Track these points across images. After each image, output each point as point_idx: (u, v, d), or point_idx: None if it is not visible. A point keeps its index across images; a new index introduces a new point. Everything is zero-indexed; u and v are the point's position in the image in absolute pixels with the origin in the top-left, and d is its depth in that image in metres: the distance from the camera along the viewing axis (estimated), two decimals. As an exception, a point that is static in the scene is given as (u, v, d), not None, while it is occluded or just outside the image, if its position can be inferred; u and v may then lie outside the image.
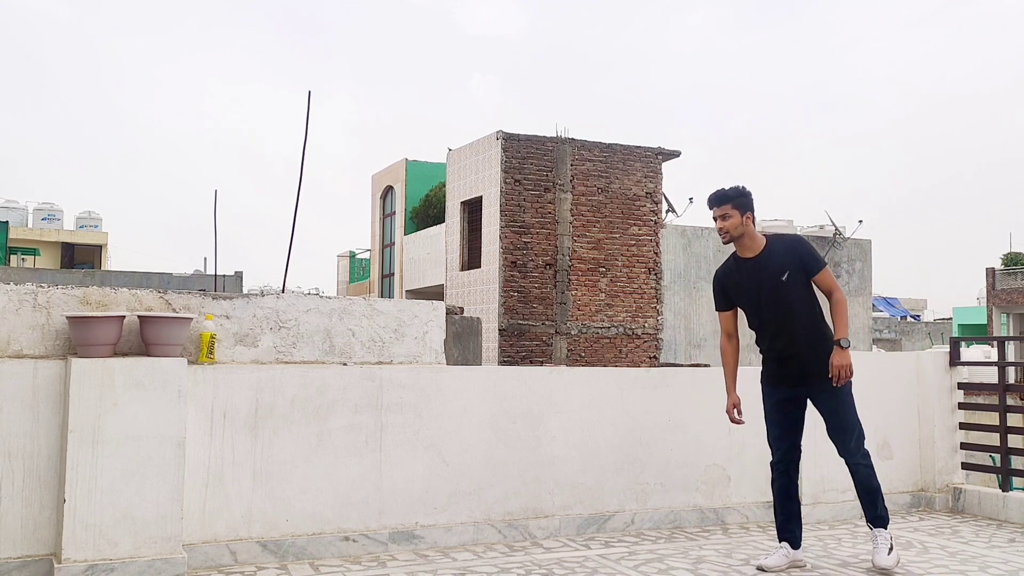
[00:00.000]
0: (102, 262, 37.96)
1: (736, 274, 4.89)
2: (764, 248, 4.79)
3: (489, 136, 21.46)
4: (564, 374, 5.72)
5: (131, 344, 4.58)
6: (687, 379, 6.05)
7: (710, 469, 5.95)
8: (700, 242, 23.15)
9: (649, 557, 4.98)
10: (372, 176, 30.97)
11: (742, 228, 4.75)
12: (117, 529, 4.22)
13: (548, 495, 5.44)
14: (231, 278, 27.07)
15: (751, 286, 4.82)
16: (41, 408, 4.27)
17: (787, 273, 4.71)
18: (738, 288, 4.89)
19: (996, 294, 42.36)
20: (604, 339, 21.36)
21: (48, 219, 38.68)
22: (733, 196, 4.75)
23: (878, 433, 6.53)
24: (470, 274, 22.30)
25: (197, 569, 4.48)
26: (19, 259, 34.62)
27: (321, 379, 4.90)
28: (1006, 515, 6.04)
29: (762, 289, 4.77)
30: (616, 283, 21.67)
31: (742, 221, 4.74)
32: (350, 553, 4.84)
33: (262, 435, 4.73)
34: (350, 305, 5.25)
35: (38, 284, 4.56)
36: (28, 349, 4.44)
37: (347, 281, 36.21)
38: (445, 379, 5.22)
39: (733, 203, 4.74)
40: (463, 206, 23.09)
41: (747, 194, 4.78)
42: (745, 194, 4.77)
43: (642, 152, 22.13)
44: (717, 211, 4.77)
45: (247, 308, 4.95)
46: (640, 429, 5.75)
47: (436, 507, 5.11)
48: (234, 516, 4.65)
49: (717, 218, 4.78)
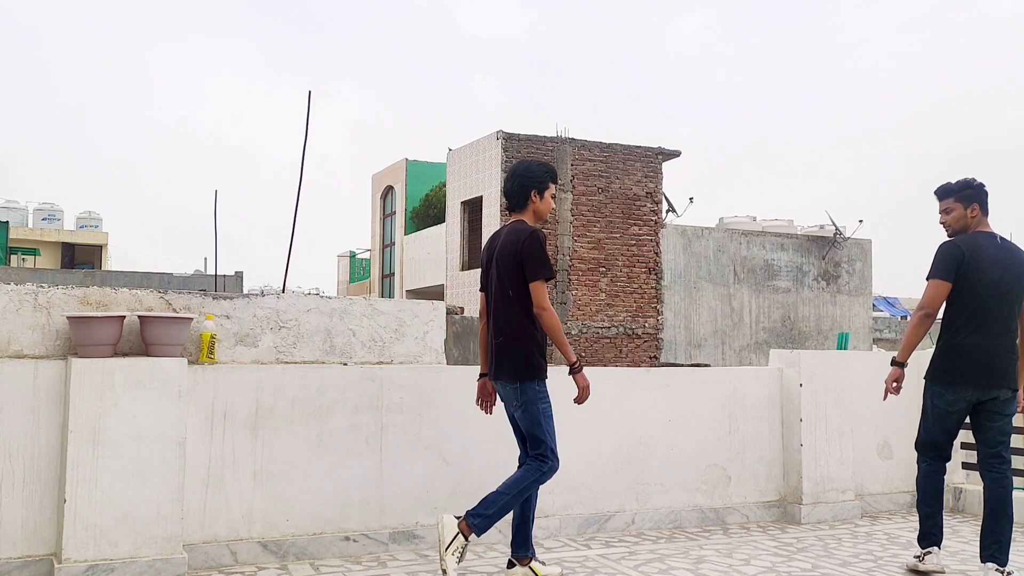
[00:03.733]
0: (102, 262, 37.97)
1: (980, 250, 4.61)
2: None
3: (489, 136, 21.47)
4: (564, 374, 5.71)
5: (131, 344, 4.58)
6: (687, 379, 6.05)
7: (710, 469, 5.95)
8: (700, 242, 23.16)
9: (649, 557, 4.98)
10: (372, 176, 30.99)
11: (965, 221, 4.69)
12: (117, 529, 4.22)
13: (548, 495, 5.44)
14: (231, 278, 27.05)
15: (997, 272, 4.60)
16: (41, 408, 4.27)
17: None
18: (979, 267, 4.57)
19: (996, 294, 42.28)
20: (604, 339, 21.36)
21: (48, 219, 38.68)
22: (956, 190, 4.72)
23: (878, 433, 6.54)
24: (470, 274, 22.31)
25: (197, 569, 4.48)
26: (19, 259, 34.61)
27: (321, 379, 4.90)
28: (1006, 515, 6.03)
29: (1003, 280, 4.58)
30: (616, 283, 21.68)
31: (966, 214, 4.68)
32: (351, 553, 4.84)
33: (262, 435, 4.73)
34: (350, 305, 5.25)
35: (38, 284, 4.56)
36: (28, 349, 4.44)
37: (347, 281, 36.22)
38: (446, 379, 5.22)
39: (956, 196, 4.70)
40: (463, 206, 23.10)
41: (975, 186, 4.71)
42: (972, 186, 4.70)
43: (642, 152, 22.15)
44: (940, 205, 4.77)
45: (247, 308, 4.95)
46: (640, 429, 5.75)
47: (437, 507, 5.11)
48: (234, 516, 4.65)
49: (940, 212, 4.78)
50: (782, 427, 6.16)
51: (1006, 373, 4.52)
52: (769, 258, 24.07)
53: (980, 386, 4.53)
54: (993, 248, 4.59)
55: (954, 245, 4.62)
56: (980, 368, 4.52)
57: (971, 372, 4.54)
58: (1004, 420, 4.55)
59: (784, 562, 4.94)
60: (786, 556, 5.08)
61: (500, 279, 4.35)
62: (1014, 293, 4.56)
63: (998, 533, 4.41)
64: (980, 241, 4.61)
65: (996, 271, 4.54)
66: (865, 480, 6.43)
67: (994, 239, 4.63)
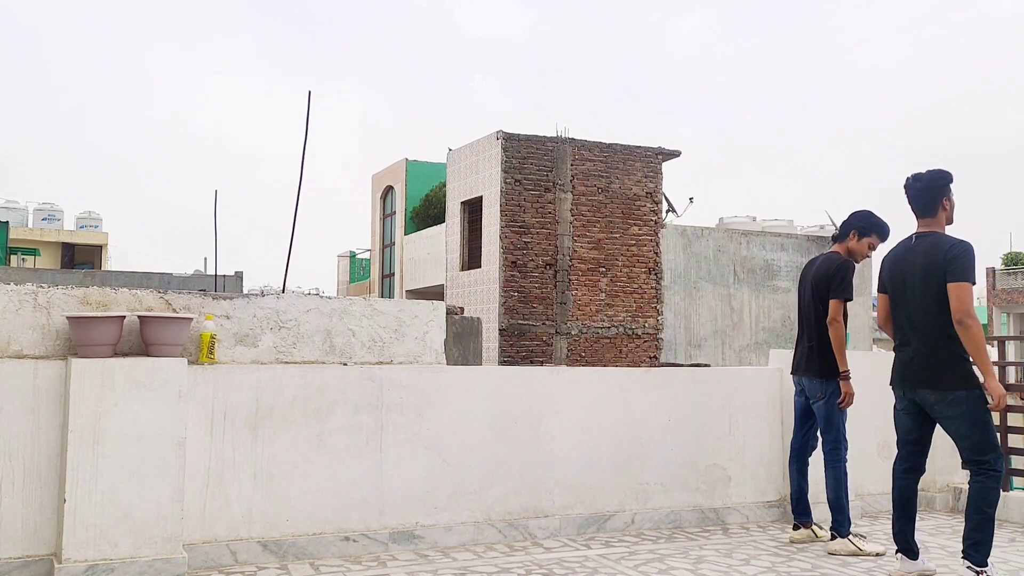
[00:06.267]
0: (102, 262, 37.96)
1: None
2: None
3: (489, 136, 21.45)
4: (564, 374, 5.72)
5: (131, 344, 4.58)
6: (687, 379, 6.05)
7: (710, 469, 5.95)
8: (700, 242, 23.14)
9: (649, 557, 4.98)
10: (372, 176, 30.96)
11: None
12: (117, 529, 4.22)
13: (548, 495, 5.44)
14: (231, 278, 27.05)
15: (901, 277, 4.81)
16: (41, 408, 4.27)
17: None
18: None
19: (996, 294, 42.38)
20: (604, 339, 21.35)
21: (48, 219, 38.67)
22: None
23: (878, 433, 6.54)
24: (470, 274, 22.30)
25: (197, 569, 4.48)
26: (19, 259, 34.61)
27: (321, 379, 4.90)
28: (1006, 515, 6.04)
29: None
30: (616, 283, 21.66)
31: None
32: (350, 553, 4.84)
33: (262, 435, 4.73)
34: (350, 305, 5.24)
35: (38, 284, 4.56)
36: (28, 349, 4.44)
37: (347, 281, 36.20)
38: (445, 379, 5.22)
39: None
40: (463, 206, 23.08)
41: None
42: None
43: (642, 152, 22.13)
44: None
45: (247, 308, 4.95)
46: (640, 429, 5.75)
47: (437, 507, 5.11)
48: (234, 516, 4.65)
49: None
50: (782, 427, 6.16)
51: (927, 375, 4.46)
52: (769, 258, 24.06)
53: (905, 387, 4.60)
54: (902, 251, 4.66)
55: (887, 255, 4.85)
56: (900, 369, 4.64)
57: (896, 374, 4.69)
58: (948, 422, 4.44)
59: (784, 562, 4.94)
60: (786, 556, 5.08)
61: (812, 296, 5.35)
62: (922, 292, 4.48)
63: (972, 528, 4.33)
64: (897, 246, 4.74)
65: (899, 275, 4.61)
66: (865, 480, 6.43)
67: (909, 241, 4.66)
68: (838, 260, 5.34)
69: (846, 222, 5.47)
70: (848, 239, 5.44)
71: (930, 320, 4.45)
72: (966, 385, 4.38)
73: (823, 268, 5.36)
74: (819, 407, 5.30)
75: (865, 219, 5.42)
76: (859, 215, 5.45)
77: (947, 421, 4.44)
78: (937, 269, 4.41)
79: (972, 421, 4.36)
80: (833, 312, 5.20)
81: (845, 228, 5.46)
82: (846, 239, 5.45)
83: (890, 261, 4.74)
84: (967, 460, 4.43)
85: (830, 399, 5.24)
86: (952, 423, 4.42)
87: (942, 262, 4.40)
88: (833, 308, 5.20)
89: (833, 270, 5.28)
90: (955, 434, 4.45)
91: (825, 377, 5.24)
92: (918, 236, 4.61)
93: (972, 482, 4.39)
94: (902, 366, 4.64)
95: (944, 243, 4.46)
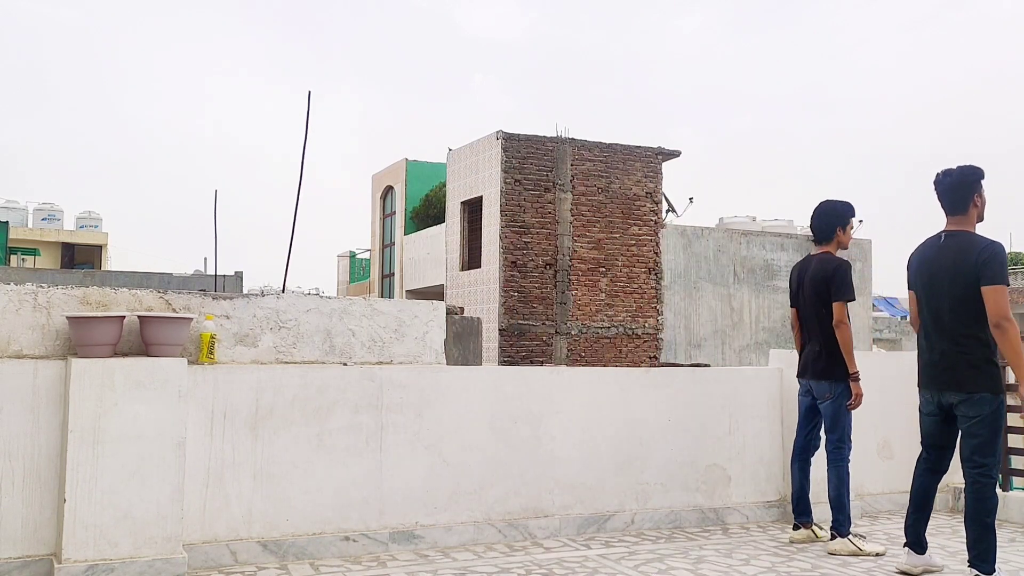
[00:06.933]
0: (102, 262, 37.96)
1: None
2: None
3: (489, 136, 21.45)
4: (564, 374, 5.72)
5: (131, 344, 4.58)
6: (687, 379, 6.05)
7: (710, 469, 5.95)
8: (700, 242, 23.15)
9: (649, 557, 4.98)
10: (372, 176, 30.96)
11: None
12: (117, 529, 4.22)
13: (548, 495, 5.44)
14: (231, 278, 27.03)
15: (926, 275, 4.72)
16: (41, 408, 4.27)
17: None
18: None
19: (996, 294, 42.19)
20: (604, 339, 21.36)
21: (48, 219, 38.68)
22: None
23: (878, 433, 6.54)
24: (470, 274, 22.30)
25: (197, 569, 4.48)
26: (19, 259, 34.61)
27: (321, 379, 4.90)
28: (1006, 515, 6.04)
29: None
30: (616, 283, 21.66)
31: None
32: (350, 553, 4.84)
33: (262, 435, 4.73)
34: (350, 305, 5.24)
35: (38, 284, 4.56)
36: (28, 349, 4.44)
37: (347, 281, 36.19)
38: (445, 379, 5.22)
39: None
40: (463, 206, 23.08)
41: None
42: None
43: (642, 152, 22.13)
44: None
45: (247, 308, 4.95)
46: (640, 429, 5.75)
47: (436, 507, 5.11)
48: (234, 516, 4.65)
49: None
50: (782, 427, 6.16)
51: (953, 376, 4.43)
52: (769, 258, 24.06)
53: (931, 389, 4.55)
54: (931, 249, 4.59)
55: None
56: (927, 371, 4.58)
57: (923, 375, 4.62)
58: (965, 421, 4.42)
59: (784, 562, 4.94)
60: (786, 556, 5.08)
61: (813, 299, 5.35)
62: (949, 293, 4.43)
63: (974, 539, 4.33)
64: (925, 244, 4.65)
65: (926, 274, 4.55)
66: (865, 480, 6.43)
67: (938, 239, 4.60)
68: (834, 262, 5.33)
69: (824, 223, 5.44)
70: (835, 237, 5.44)
71: (957, 321, 4.40)
72: (992, 388, 4.36)
73: (820, 271, 5.35)
74: (826, 407, 5.33)
75: (835, 211, 5.44)
76: (828, 210, 5.45)
77: (965, 420, 4.43)
78: (968, 270, 4.33)
79: (987, 424, 4.36)
80: (838, 315, 5.22)
81: (827, 230, 5.43)
82: (833, 238, 5.44)
83: (917, 259, 4.65)
84: (967, 459, 4.42)
85: (839, 399, 5.26)
86: (968, 422, 4.41)
87: (974, 264, 4.31)
88: (838, 311, 5.22)
89: (831, 272, 5.28)
90: (966, 431, 4.44)
91: (835, 379, 5.26)
92: (947, 235, 4.51)
93: (968, 487, 4.39)
94: (929, 368, 4.56)
95: (976, 244, 4.37)
